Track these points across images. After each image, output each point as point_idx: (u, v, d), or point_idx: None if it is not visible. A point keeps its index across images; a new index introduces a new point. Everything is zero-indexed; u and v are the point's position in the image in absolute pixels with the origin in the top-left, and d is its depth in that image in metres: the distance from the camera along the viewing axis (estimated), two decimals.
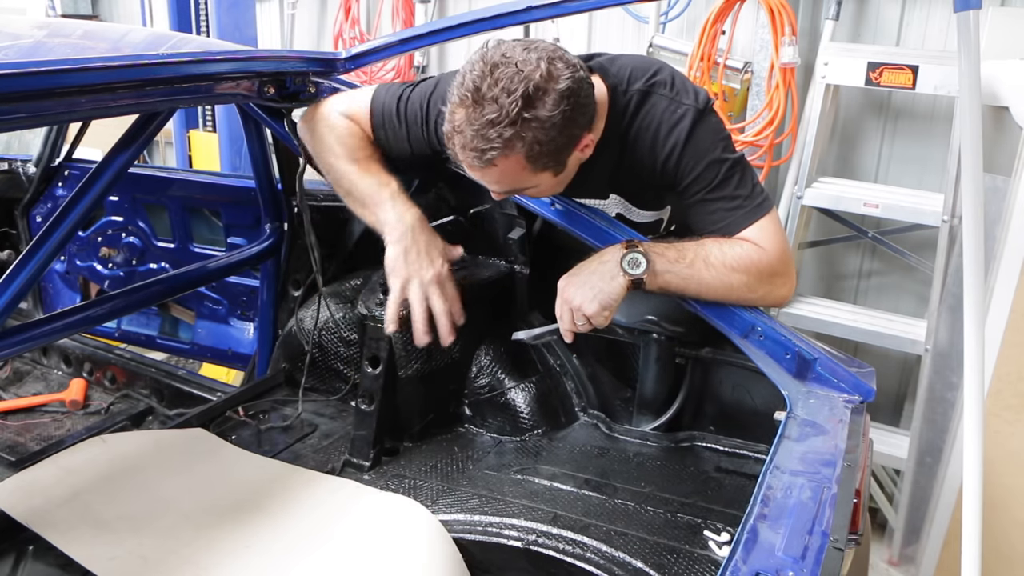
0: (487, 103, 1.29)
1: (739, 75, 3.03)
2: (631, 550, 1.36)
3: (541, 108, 1.30)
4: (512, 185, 1.45)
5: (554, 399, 1.83)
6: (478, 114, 1.30)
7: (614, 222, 1.63)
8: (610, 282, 1.46)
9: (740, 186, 1.49)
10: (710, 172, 1.48)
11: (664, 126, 1.49)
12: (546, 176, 1.42)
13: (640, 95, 1.50)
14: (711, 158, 1.48)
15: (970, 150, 1.50)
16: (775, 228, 1.51)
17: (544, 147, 1.34)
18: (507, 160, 1.34)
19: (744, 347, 1.51)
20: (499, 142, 1.31)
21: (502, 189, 1.47)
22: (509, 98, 1.28)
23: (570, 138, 1.38)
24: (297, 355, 2.05)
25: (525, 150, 1.33)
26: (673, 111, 1.49)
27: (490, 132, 1.30)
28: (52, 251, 1.68)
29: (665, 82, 1.51)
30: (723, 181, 1.49)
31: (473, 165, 1.37)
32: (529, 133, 1.31)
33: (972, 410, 1.60)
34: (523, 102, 1.28)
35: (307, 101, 1.86)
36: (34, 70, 1.27)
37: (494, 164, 1.35)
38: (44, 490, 1.53)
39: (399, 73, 4.10)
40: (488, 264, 1.94)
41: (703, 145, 1.48)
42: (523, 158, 1.34)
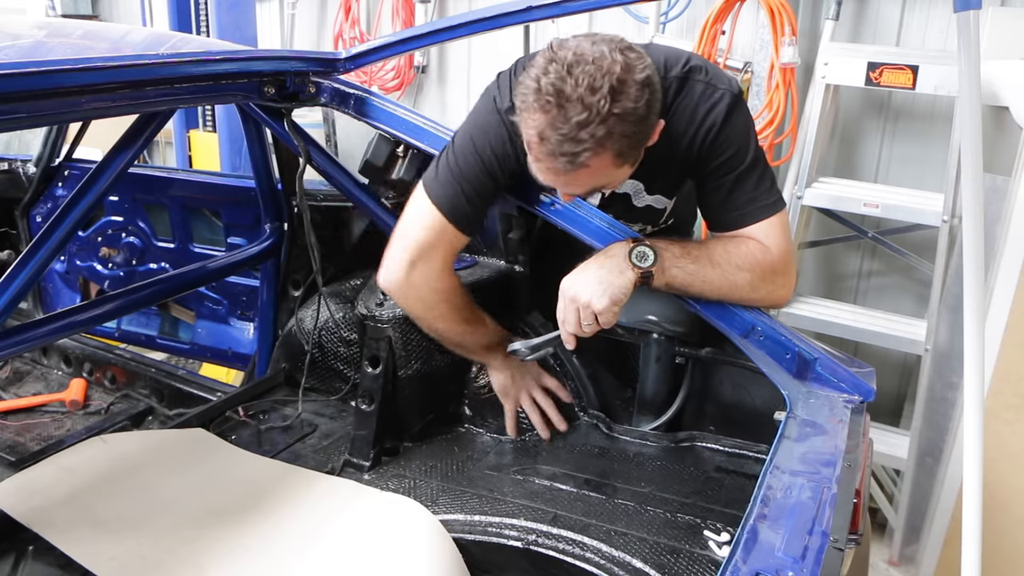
0: (572, 104, 1.24)
1: (739, 75, 3.02)
2: (631, 550, 1.36)
3: (627, 100, 1.26)
4: (595, 184, 1.40)
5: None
6: (563, 117, 1.24)
7: (614, 222, 1.62)
8: (619, 276, 1.43)
9: (761, 180, 1.50)
10: (739, 156, 1.48)
11: (702, 107, 1.48)
12: (625, 170, 1.39)
13: (679, 81, 1.49)
14: (742, 143, 1.49)
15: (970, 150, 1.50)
16: (783, 229, 1.51)
17: (631, 140, 1.31)
18: (598, 159, 1.29)
19: (744, 347, 1.51)
20: (591, 142, 1.26)
21: (583, 191, 1.42)
22: (596, 96, 1.23)
23: (650, 127, 1.36)
24: (297, 355, 2.05)
25: (616, 147, 1.29)
26: (710, 95, 1.48)
27: (581, 134, 1.25)
28: (52, 251, 1.68)
29: (701, 68, 1.51)
30: (748, 170, 1.49)
31: (561, 170, 1.31)
32: (619, 128, 1.27)
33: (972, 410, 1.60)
34: (611, 97, 1.24)
35: (307, 101, 1.86)
36: (34, 70, 1.27)
37: (585, 166, 1.30)
38: (44, 490, 1.53)
39: (399, 73, 4.10)
40: (488, 264, 1.94)
41: (738, 129, 1.49)
42: (613, 155, 1.30)
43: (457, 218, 1.55)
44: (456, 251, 1.62)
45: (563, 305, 1.47)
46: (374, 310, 1.72)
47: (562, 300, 1.47)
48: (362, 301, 1.77)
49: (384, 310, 1.71)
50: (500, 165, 1.53)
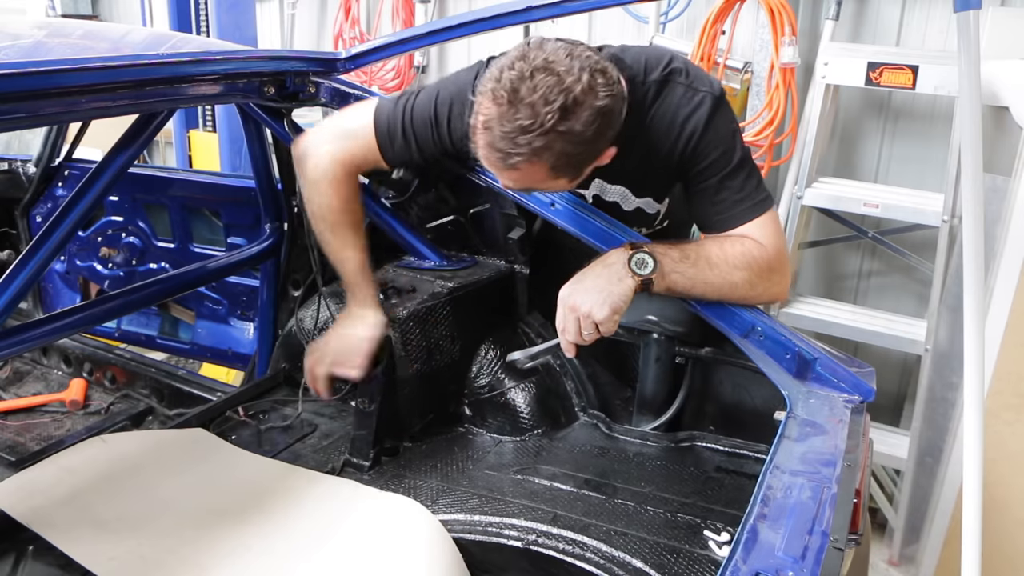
0: (522, 107, 1.25)
1: (739, 75, 3.03)
2: (631, 550, 1.36)
3: (575, 122, 1.27)
4: (527, 186, 1.43)
5: (554, 399, 1.83)
6: (511, 116, 1.26)
7: (614, 222, 1.63)
8: (619, 284, 1.43)
9: (748, 179, 1.50)
10: (724, 159, 1.48)
11: (683, 111, 1.48)
12: (562, 182, 1.40)
13: (658, 85, 1.50)
14: (726, 147, 1.48)
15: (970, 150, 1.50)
16: (775, 225, 1.51)
17: (570, 159, 1.32)
18: (530, 167, 1.31)
19: (744, 347, 1.51)
20: (526, 150, 1.27)
21: (516, 187, 1.46)
22: (546, 108, 1.24)
23: (595, 151, 1.37)
24: (297, 355, 2.05)
25: (551, 160, 1.30)
26: (691, 98, 1.48)
27: (520, 138, 1.26)
28: (52, 251, 1.68)
29: (681, 70, 1.51)
30: (734, 171, 1.49)
31: (495, 164, 1.34)
32: (558, 145, 1.28)
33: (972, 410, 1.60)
34: (559, 114, 1.24)
35: (307, 101, 1.86)
36: (34, 70, 1.27)
37: (516, 168, 1.32)
38: (44, 490, 1.53)
39: (399, 73, 4.10)
40: (488, 264, 1.94)
41: (721, 132, 1.48)
42: (547, 167, 1.32)
43: (384, 142, 1.63)
44: (370, 165, 1.68)
45: (563, 314, 1.45)
46: None
47: (561, 309, 1.46)
48: None
49: (384, 310, 1.71)
50: (450, 128, 1.58)
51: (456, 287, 1.79)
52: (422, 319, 1.72)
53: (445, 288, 1.78)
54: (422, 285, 1.79)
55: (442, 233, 2.01)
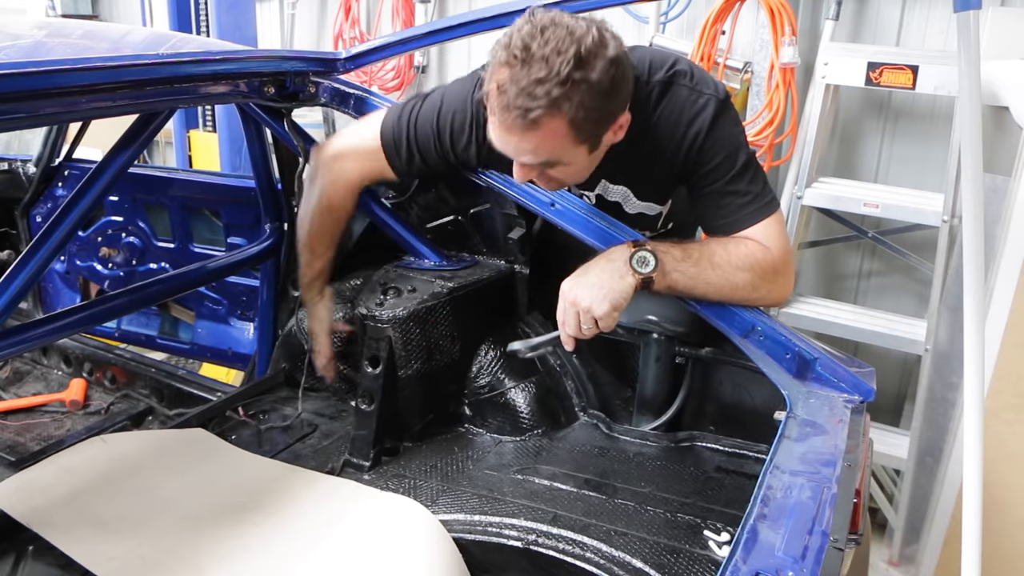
0: (536, 62, 1.25)
1: (739, 75, 3.03)
2: (631, 550, 1.36)
3: (590, 71, 1.26)
4: (548, 155, 1.37)
5: (554, 399, 1.83)
6: (525, 72, 1.25)
7: (614, 222, 1.63)
8: (619, 281, 1.43)
9: (753, 182, 1.50)
10: (728, 163, 1.48)
11: (686, 114, 1.48)
12: (582, 152, 1.38)
13: (662, 86, 1.49)
14: (731, 148, 1.48)
15: (970, 150, 1.50)
16: (780, 228, 1.51)
17: (589, 114, 1.30)
18: (551, 122, 1.29)
19: (744, 347, 1.51)
20: (545, 100, 1.25)
21: (536, 159, 1.38)
22: (560, 57, 1.24)
23: (611, 112, 1.36)
24: (297, 355, 2.05)
25: (571, 113, 1.28)
26: (695, 100, 1.48)
27: (537, 90, 1.25)
28: (52, 251, 1.68)
29: (685, 72, 1.50)
30: (739, 174, 1.48)
31: (514, 126, 1.31)
32: (577, 96, 1.27)
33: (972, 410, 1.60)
34: (575, 62, 1.24)
35: (307, 101, 1.86)
36: (34, 70, 1.27)
37: (537, 126, 1.29)
38: (44, 490, 1.53)
39: (399, 73, 4.10)
40: (488, 264, 1.94)
41: (724, 135, 1.48)
42: (567, 123, 1.30)
43: (391, 153, 1.68)
44: (376, 175, 1.75)
45: (563, 307, 1.46)
46: (374, 310, 1.72)
47: (562, 302, 1.46)
48: (362, 301, 1.77)
49: (384, 310, 1.71)
50: (452, 140, 1.62)
51: (456, 287, 1.79)
52: (422, 319, 1.72)
53: (445, 288, 1.78)
54: (422, 285, 1.79)
55: (442, 233, 2.01)
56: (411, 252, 1.96)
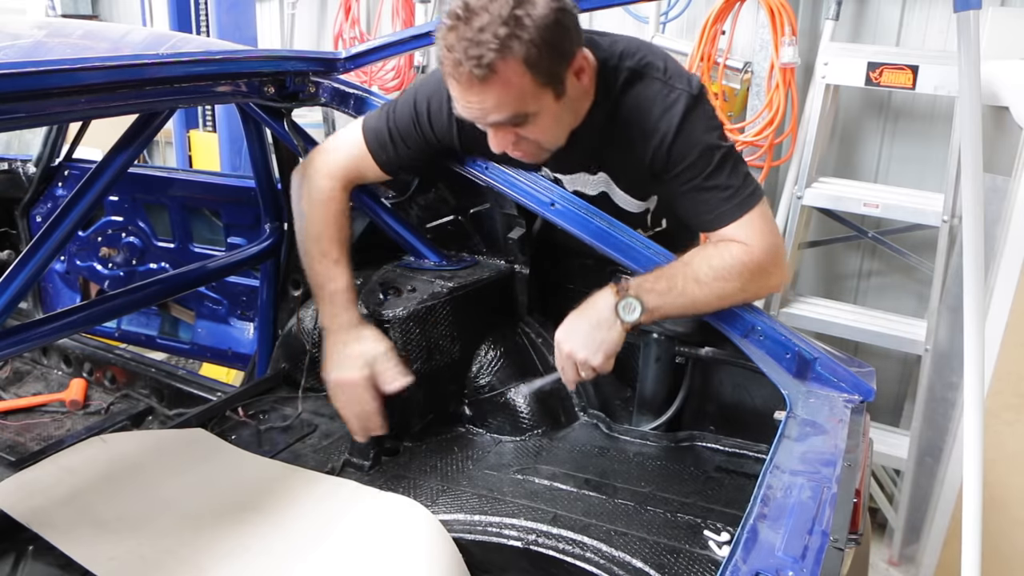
0: (476, 13, 1.26)
1: (739, 75, 3.03)
2: (631, 550, 1.36)
3: (532, 7, 1.28)
4: (514, 105, 1.36)
5: (554, 399, 1.83)
6: (468, 26, 1.27)
7: (613, 222, 1.63)
8: (609, 331, 1.46)
9: (732, 175, 1.47)
10: (703, 160, 1.47)
11: (657, 110, 1.47)
12: (548, 98, 1.37)
13: (632, 73, 1.49)
14: (704, 145, 1.47)
15: (970, 150, 1.50)
16: (763, 220, 1.49)
17: (542, 51, 1.30)
18: (506, 66, 1.29)
19: (744, 347, 1.51)
20: (495, 43, 1.26)
21: (504, 113, 1.37)
22: (497, 2, 1.26)
23: (565, 49, 1.35)
24: (297, 355, 2.05)
25: (523, 52, 1.28)
26: (666, 95, 1.47)
27: (484, 36, 1.26)
28: (52, 251, 1.68)
29: (658, 65, 1.50)
30: (715, 170, 1.47)
31: (472, 80, 1.30)
32: (525, 33, 1.27)
33: (972, 410, 1.60)
34: (514, 3, 1.26)
35: (307, 101, 1.86)
36: (34, 70, 1.27)
37: (493, 72, 1.29)
38: (44, 490, 1.53)
39: (399, 73, 4.10)
40: (488, 264, 1.94)
41: (697, 132, 1.47)
42: (522, 63, 1.30)
43: (375, 148, 1.67)
44: (364, 175, 1.72)
45: (560, 359, 1.51)
46: (374, 310, 1.72)
47: (559, 354, 1.51)
48: (362, 301, 1.77)
49: (384, 310, 1.71)
50: (431, 122, 1.62)
51: (456, 287, 1.79)
52: (422, 319, 1.72)
53: (445, 288, 1.78)
54: (422, 285, 1.79)
55: (442, 233, 2.01)
56: (411, 252, 1.96)
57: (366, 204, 1.94)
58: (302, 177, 1.72)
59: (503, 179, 1.71)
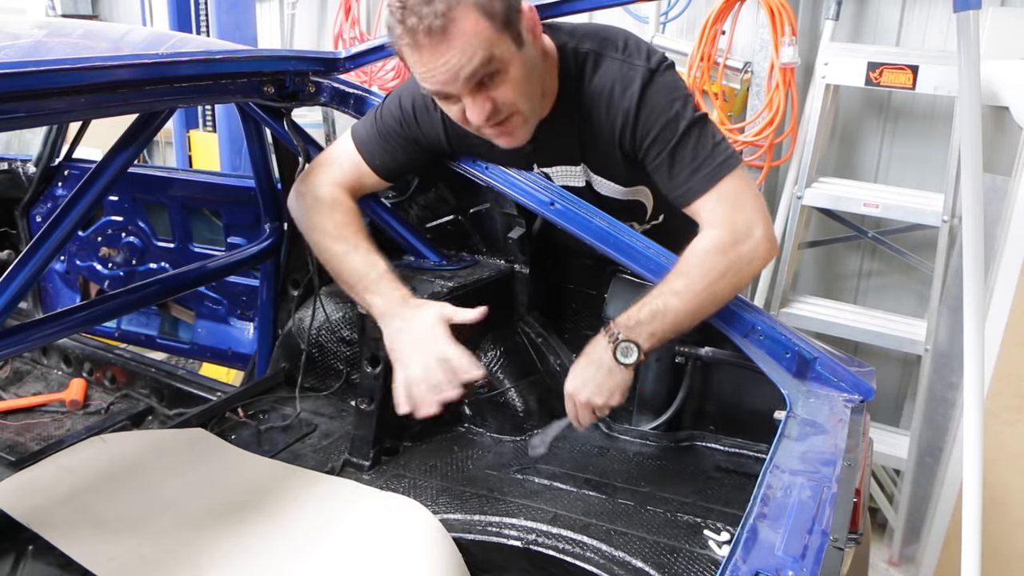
0: None
1: (739, 75, 3.03)
2: (631, 550, 1.36)
3: None
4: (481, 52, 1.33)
5: (554, 399, 1.83)
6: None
7: (613, 221, 1.63)
8: (614, 377, 1.46)
9: (699, 146, 1.45)
10: (666, 132, 1.46)
11: (616, 89, 1.47)
12: (509, 45, 1.36)
13: (590, 56, 1.50)
14: (666, 118, 1.45)
15: (970, 150, 1.50)
16: (736, 191, 1.45)
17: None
18: (461, 16, 1.29)
19: (744, 347, 1.51)
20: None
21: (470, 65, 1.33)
22: None
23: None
24: (297, 355, 2.05)
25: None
26: (624, 73, 1.47)
27: None
28: (52, 251, 1.68)
29: (616, 44, 1.50)
30: (679, 142, 1.45)
31: (430, 38, 1.29)
32: None
33: (972, 410, 1.60)
34: None
35: (307, 100, 1.86)
36: (34, 70, 1.27)
37: (450, 22, 1.28)
38: (44, 490, 1.53)
39: (399, 73, 4.10)
40: (488, 264, 1.94)
41: (657, 106, 1.46)
42: (474, 7, 1.30)
43: (368, 155, 1.68)
44: (363, 183, 1.71)
45: (574, 408, 1.51)
46: None
47: (573, 404, 1.51)
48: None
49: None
50: (417, 118, 1.63)
51: (456, 287, 1.79)
52: None
53: (445, 288, 1.78)
54: (422, 285, 1.78)
55: (442, 233, 2.01)
56: (411, 252, 1.96)
57: (366, 204, 1.94)
58: (301, 194, 1.70)
59: (503, 179, 1.71)
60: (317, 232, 1.66)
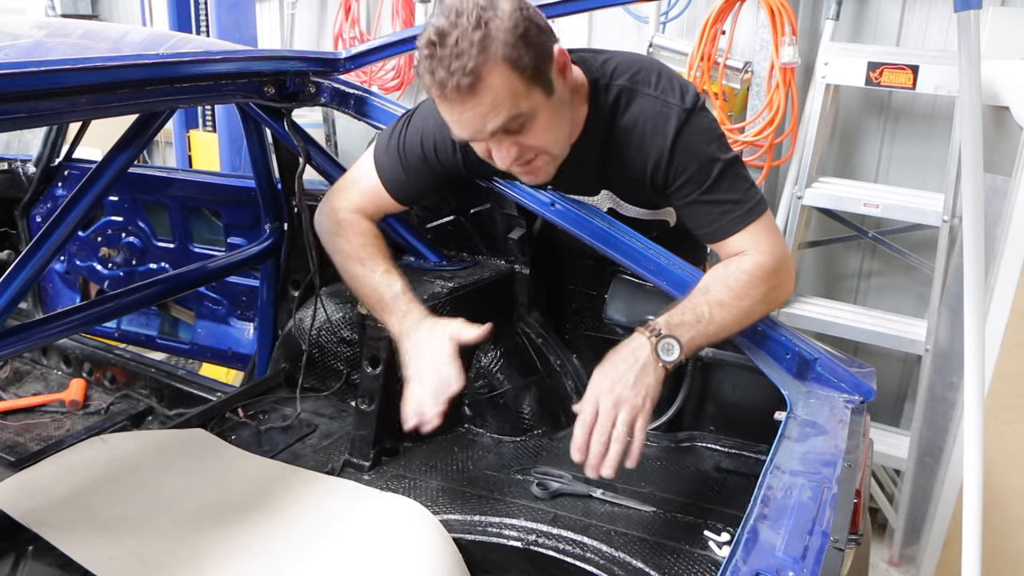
0: (448, 33, 1.28)
1: (739, 75, 3.03)
2: (631, 550, 1.36)
3: (498, 10, 1.29)
4: (509, 107, 1.34)
5: (554, 399, 1.83)
6: (445, 46, 1.28)
7: (614, 222, 1.63)
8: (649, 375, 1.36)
9: (731, 190, 1.47)
10: (700, 175, 1.46)
11: (650, 127, 1.47)
12: (538, 95, 1.36)
13: (624, 92, 1.49)
14: (700, 160, 1.46)
15: (970, 150, 1.50)
16: (768, 231, 1.48)
17: (519, 48, 1.30)
18: (490, 69, 1.29)
19: (744, 347, 1.51)
20: (474, 49, 1.27)
21: (500, 117, 1.34)
22: (464, 14, 1.28)
23: (542, 46, 1.34)
24: (297, 355, 2.05)
25: (502, 51, 1.29)
26: (658, 110, 1.47)
27: (461, 47, 1.27)
28: (52, 251, 1.68)
29: (649, 80, 1.49)
30: (713, 184, 1.46)
31: (461, 92, 1.30)
32: (499, 33, 1.28)
33: (972, 410, 1.60)
34: (479, 11, 1.28)
35: (307, 101, 1.86)
36: (34, 70, 1.27)
37: (480, 77, 1.29)
38: (44, 490, 1.53)
39: (399, 73, 4.10)
40: (488, 264, 1.94)
41: (691, 147, 1.46)
42: (503, 62, 1.29)
43: (391, 185, 1.68)
44: (384, 208, 1.72)
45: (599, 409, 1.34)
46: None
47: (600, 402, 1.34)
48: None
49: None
50: (438, 155, 1.63)
51: (456, 287, 1.79)
52: None
53: (445, 288, 1.78)
54: (422, 285, 1.78)
55: (442, 233, 2.01)
56: (411, 252, 1.96)
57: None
58: (323, 216, 1.72)
59: (503, 181, 1.71)
60: (339, 255, 1.68)
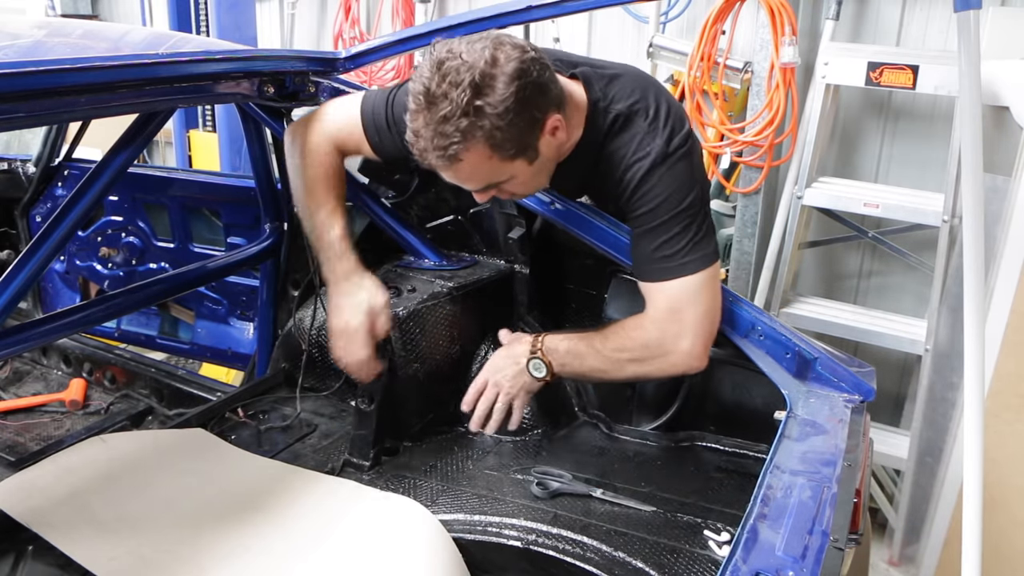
0: (437, 101, 1.31)
1: (739, 75, 3.03)
2: (631, 550, 1.36)
3: (491, 94, 1.30)
4: (486, 179, 1.43)
5: (554, 399, 1.83)
6: (432, 114, 1.32)
7: (614, 222, 1.63)
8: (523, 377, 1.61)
9: (676, 239, 1.47)
10: (652, 214, 1.48)
11: (628, 157, 1.49)
12: (520, 165, 1.41)
13: (619, 118, 1.51)
14: (658, 201, 1.48)
15: (970, 150, 1.50)
16: (684, 295, 1.48)
17: (505, 132, 1.33)
18: (471, 152, 1.34)
19: (744, 347, 1.51)
20: (457, 135, 1.31)
21: (478, 185, 1.45)
22: (458, 90, 1.29)
23: (531, 120, 1.37)
24: (297, 355, 2.05)
25: (486, 138, 1.33)
26: (641, 143, 1.48)
27: (446, 128, 1.31)
28: (52, 251, 1.67)
29: (647, 111, 1.50)
30: (660, 226, 1.48)
31: (440, 164, 1.37)
32: (486, 121, 1.31)
33: (972, 410, 1.60)
34: (472, 91, 1.29)
35: (307, 100, 1.86)
36: (34, 70, 1.27)
37: (459, 159, 1.35)
38: (44, 490, 1.53)
39: (399, 73, 4.10)
40: (488, 264, 1.94)
41: (659, 186, 1.47)
42: (486, 147, 1.34)
43: (371, 131, 1.66)
44: (357, 149, 1.71)
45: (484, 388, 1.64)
46: None
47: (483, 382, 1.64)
48: None
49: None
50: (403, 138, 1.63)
51: (456, 287, 1.79)
52: (422, 319, 1.72)
53: (445, 288, 1.78)
54: (422, 285, 1.79)
55: (442, 233, 2.01)
56: (411, 252, 1.96)
57: (366, 204, 1.95)
58: (295, 136, 1.72)
59: None
60: (296, 175, 1.71)
